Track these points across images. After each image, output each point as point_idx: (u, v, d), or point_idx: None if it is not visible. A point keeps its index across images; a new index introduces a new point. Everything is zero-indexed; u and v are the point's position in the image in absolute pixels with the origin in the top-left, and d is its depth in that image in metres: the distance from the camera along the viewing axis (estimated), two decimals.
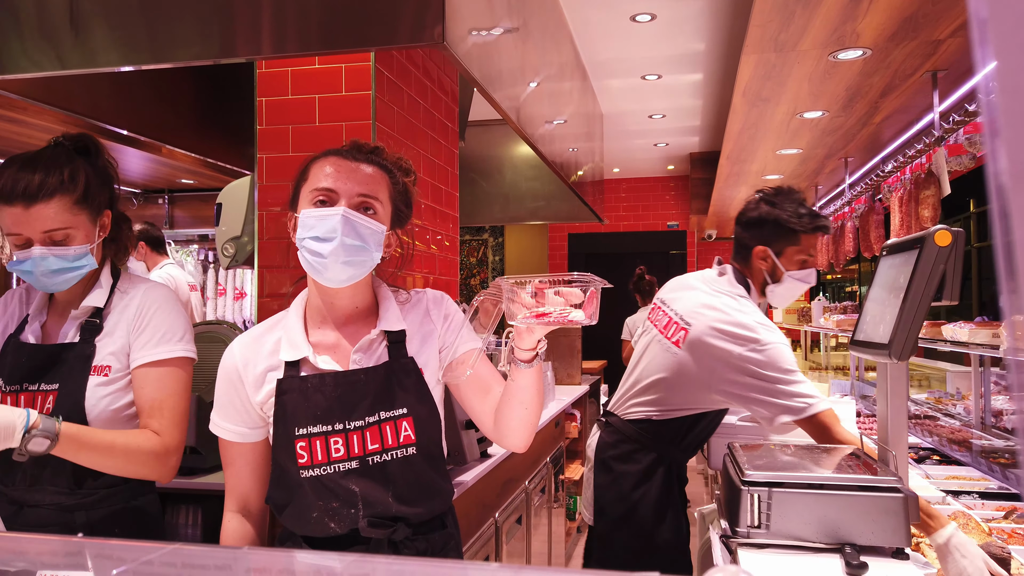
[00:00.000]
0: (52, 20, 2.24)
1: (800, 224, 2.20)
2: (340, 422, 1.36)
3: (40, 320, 1.64)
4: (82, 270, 1.55)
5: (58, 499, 1.54)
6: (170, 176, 6.05)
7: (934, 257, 1.57)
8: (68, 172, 1.51)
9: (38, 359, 1.57)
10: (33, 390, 1.55)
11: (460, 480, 2.32)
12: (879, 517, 1.53)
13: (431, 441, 1.43)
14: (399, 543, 1.38)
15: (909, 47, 3.09)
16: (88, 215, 1.55)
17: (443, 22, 1.98)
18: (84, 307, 1.60)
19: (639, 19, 4.21)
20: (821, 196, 6.74)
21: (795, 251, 2.21)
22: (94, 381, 1.55)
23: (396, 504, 1.37)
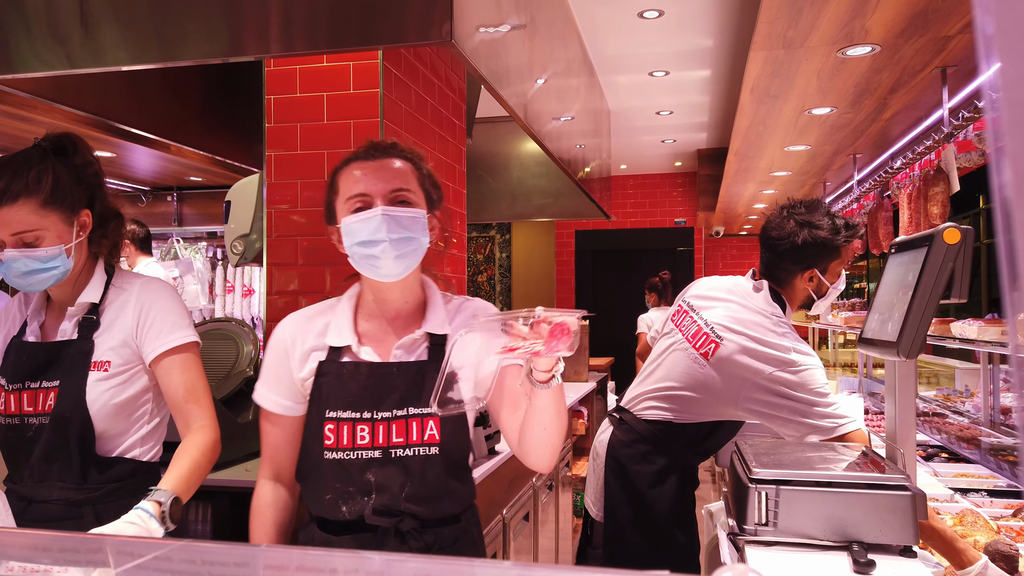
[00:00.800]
0: (62, 19, 2.26)
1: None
2: (369, 411, 1.40)
3: (39, 320, 1.67)
4: (55, 270, 1.56)
5: (66, 494, 1.56)
6: (179, 173, 6.07)
7: (943, 255, 1.56)
8: (35, 174, 1.52)
9: (38, 357, 1.60)
10: (35, 388, 1.58)
11: None
12: (887, 515, 1.53)
13: (456, 444, 1.45)
14: (406, 533, 1.40)
15: (918, 43, 3.08)
16: (59, 215, 1.55)
17: (451, 19, 1.98)
18: (80, 304, 1.63)
19: (646, 15, 4.20)
20: (829, 192, 6.71)
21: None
22: (94, 376, 1.57)
23: (404, 500, 1.40)
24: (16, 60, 2.32)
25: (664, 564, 2.25)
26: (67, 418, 1.55)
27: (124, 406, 1.61)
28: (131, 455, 1.63)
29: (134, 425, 1.64)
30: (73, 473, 1.55)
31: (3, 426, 1.59)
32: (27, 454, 1.56)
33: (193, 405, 1.61)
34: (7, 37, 2.30)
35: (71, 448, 1.55)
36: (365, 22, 2.07)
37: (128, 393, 1.61)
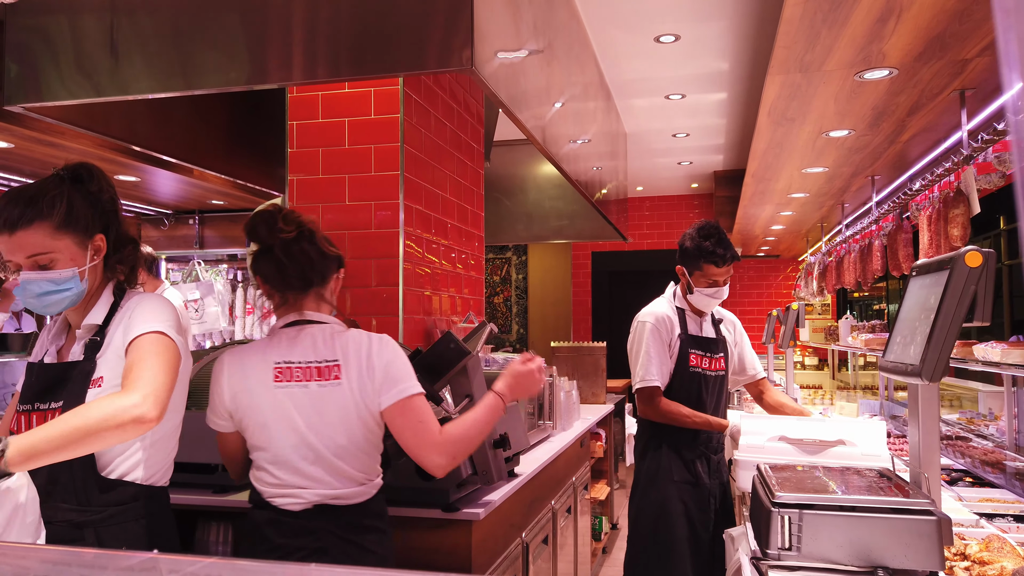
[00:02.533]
0: (89, 50, 2.32)
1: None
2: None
3: (58, 344, 1.72)
4: (69, 292, 1.61)
5: (69, 516, 1.58)
6: (201, 197, 6.16)
7: (965, 278, 1.56)
8: (49, 199, 1.58)
9: (47, 379, 1.65)
10: (43, 409, 1.61)
11: (488, 499, 2.33)
12: (912, 540, 1.52)
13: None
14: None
15: (936, 66, 3.08)
16: (73, 239, 1.61)
17: (472, 46, 2.02)
18: (85, 326, 1.67)
19: (663, 40, 4.24)
20: (848, 214, 6.69)
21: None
22: (91, 394, 1.61)
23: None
24: (44, 89, 2.38)
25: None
26: None
27: None
28: (131, 477, 1.64)
29: (130, 445, 1.64)
30: (75, 495, 1.58)
31: None
32: (35, 475, 1.58)
33: (130, 379, 1.49)
34: (37, 67, 2.37)
35: (73, 468, 1.57)
36: (386, 50, 2.11)
37: None
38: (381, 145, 2.95)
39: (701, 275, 2.87)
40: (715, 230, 2.87)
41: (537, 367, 2.03)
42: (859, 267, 5.58)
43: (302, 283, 1.81)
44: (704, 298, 2.90)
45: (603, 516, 5.22)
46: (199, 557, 1.26)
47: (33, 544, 1.43)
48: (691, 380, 2.90)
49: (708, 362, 2.94)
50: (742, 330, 3.17)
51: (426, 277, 3.14)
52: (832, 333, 6.56)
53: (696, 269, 2.88)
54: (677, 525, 2.84)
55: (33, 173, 5.16)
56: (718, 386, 2.98)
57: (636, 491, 3.00)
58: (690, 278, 2.91)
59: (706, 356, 2.94)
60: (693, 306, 2.96)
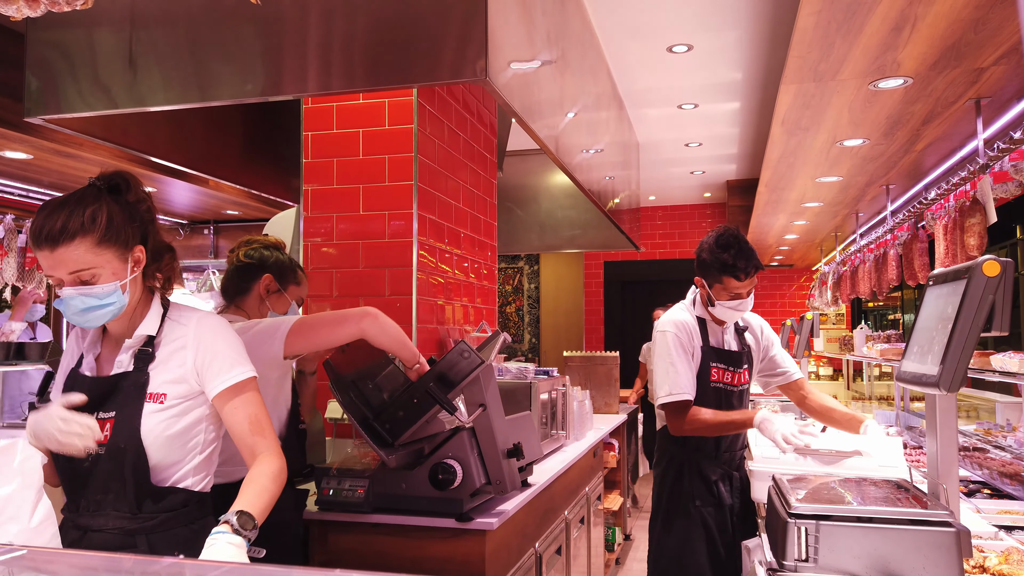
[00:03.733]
0: (107, 62, 2.35)
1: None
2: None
3: (94, 353, 1.71)
4: (111, 307, 1.59)
5: (120, 523, 1.58)
6: (216, 207, 6.21)
7: (983, 288, 1.55)
8: (89, 213, 1.55)
9: (96, 390, 1.64)
10: (95, 418, 1.60)
11: (501, 509, 2.33)
12: (930, 552, 1.50)
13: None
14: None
15: (952, 75, 3.07)
16: (114, 252, 1.59)
17: (486, 56, 2.02)
18: (137, 336, 1.66)
19: (676, 50, 4.24)
20: (862, 223, 6.66)
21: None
22: (149, 408, 1.61)
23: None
24: (63, 102, 2.41)
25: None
26: (122, 448, 1.58)
27: (177, 437, 1.64)
28: (183, 485, 1.66)
29: (187, 455, 1.67)
30: (127, 503, 1.58)
31: (61, 457, 1.62)
32: (83, 484, 1.60)
33: (259, 437, 1.67)
34: (56, 80, 2.40)
35: (126, 478, 1.58)
36: (401, 61, 2.12)
37: (181, 424, 1.64)
38: (395, 155, 2.97)
39: (722, 288, 2.66)
40: (734, 240, 2.65)
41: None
42: (874, 277, 5.55)
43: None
44: (727, 311, 2.70)
45: (616, 527, 5.19)
46: (221, 563, 1.26)
47: (63, 550, 1.44)
48: (713, 395, 2.73)
49: (731, 376, 2.78)
50: (770, 332, 2.96)
51: (439, 287, 3.15)
52: (847, 343, 6.51)
53: (716, 282, 2.66)
54: (700, 552, 2.70)
55: (52, 184, 5.22)
56: (739, 400, 2.82)
57: (657, 516, 2.82)
58: (710, 291, 2.70)
59: (728, 370, 2.77)
60: (714, 317, 2.77)
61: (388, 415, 2.09)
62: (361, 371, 2.19)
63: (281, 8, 2.18)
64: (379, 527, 2.28)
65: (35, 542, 1.44)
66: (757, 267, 2.66)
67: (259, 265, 2.34)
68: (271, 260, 2.37)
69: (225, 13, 2.25)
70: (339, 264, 2.98)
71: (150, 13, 2.31)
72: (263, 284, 2.34)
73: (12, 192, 5.40)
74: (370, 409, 2.10)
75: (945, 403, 1.69)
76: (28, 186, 5.35)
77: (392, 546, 2.28)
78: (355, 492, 2.26)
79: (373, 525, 2.28)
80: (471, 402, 2.17)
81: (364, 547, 2.30)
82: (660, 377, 2.69)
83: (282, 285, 2.39)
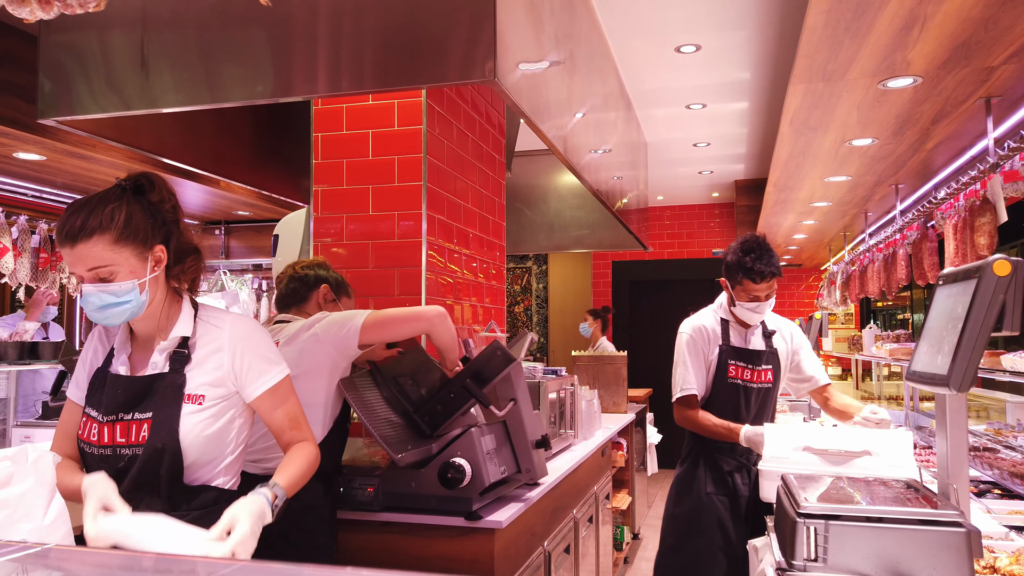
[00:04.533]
0: (120, 65, 2.37)
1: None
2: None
3: (126, 352, 1.72)
4: (129, 304, 1.61)
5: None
6: (227, 208, 6.24)
7: (993, 287, 1.55)
8: (109, 211, 1.59)
9: (132, 390, 1.65)
10: (128, 419, 1.62)
11: (510, 508, 2.34)
12: (940, 552, 1.50)
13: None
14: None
15: (961, 74, 3.06)
16: (132, 251, 1.61)
17: (494, 57, 2.03)
18: (172, 338, 1.68)
19: (684, 50, 4.24)
20: (871, 223, 6.63)
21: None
22: (187, 409, 1.63)
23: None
24: (76, 103, 2.43)
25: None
26: (160, 449, 1.59)
27: (214, 437, 1.66)
28: (215, 483, 1.68)
29: (221, 455, 1.69)
30: (160, 501, 1.60)
31: (96, 456, 1.63)
32: (117, 483, 1.59)
33: (296, 431, 1.76)
34: (69, 82, 2.42)
35: (161, 477, 1.60)
36: (410, 62, 2.13)
37: (218, 425, 1.67)
38: (404, 156, 2.98)
39: (741, 289, 2.87)
40: (757, 245, 2.85)
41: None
42: (883, 276, 5.53)
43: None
44: (746, 312, 2.90)
45: (624, 526, 5.19)
46: (232, 560, 1.28)
47: (79, 547, 1.46)
48: (730, 391, 2.90)
49: (750, 374, 2.92)
50: (801, 338, 3.11)
51: (448, 287, 3.16)
52: (856, 343, 6.49)
53: (736, 284, 2.87)
54: (709, 535, 2.82)
55: (65, 185, 5.26)
56: (761, 398, 2.93)
57: (670, 498, 3.03)
58: (732, 291, 2.92)
59: (747, 368, 2.92)
60: (738, 318, 2.96)
61: (427, 409, 2.27)
62: (401, 368, 2.35)
63: (291, 10, 2.20)
64: (389, 525, 2.29)
65: (48, 540, 1.46)
66: (774, 272, 2.83)
67: (316, 278, 2.50)
68: (326, 275, 2.54)
69: (235, 15, 2.26)
70: (349, 264, 3.00)
71: (161, 15, 2.33)
72: (321, 293, 2.49)
73: (26, 193, 5.44)
74: (410, 403, 2.28)
75: (955, 403, 1.69)
76: (41, 187, 5.38)
77: (401, 544, 2.29)
78: (365, 490, 2.28)
79: (383, 523, 2.29)
80: (503, 397, 2.34)
81: (374, 545, 2.31)
82: (674, 376, 2.99)
83: (337, 296, 2.53)
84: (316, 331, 2.20)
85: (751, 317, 2.92)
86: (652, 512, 6.66)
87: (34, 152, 4.32)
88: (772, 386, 2.97)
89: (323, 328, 2.20)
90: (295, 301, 2.47)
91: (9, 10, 1.42)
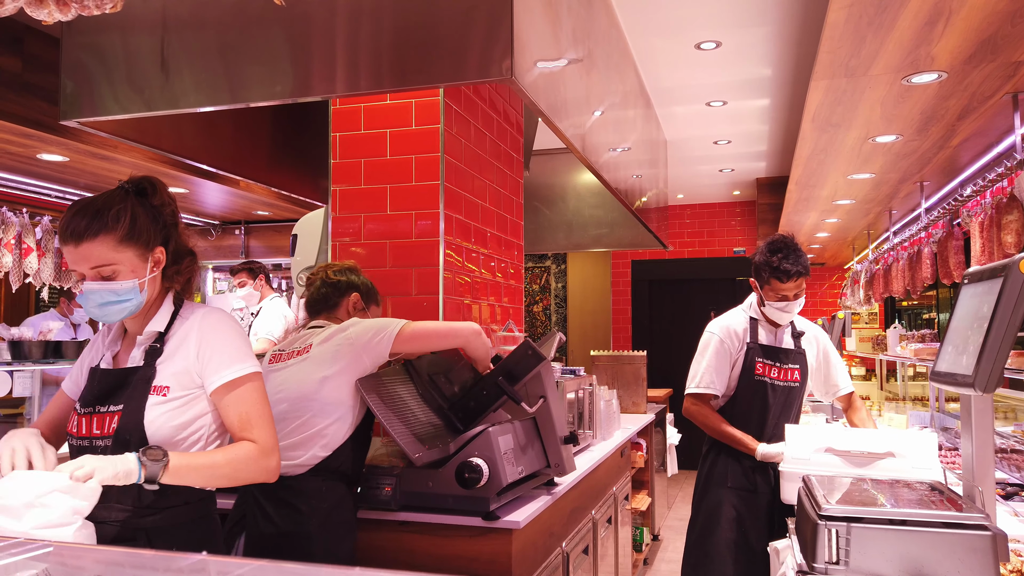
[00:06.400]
0: (141, 66, 2.39)
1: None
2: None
3: (114, 350, 1.79)
4: (129, 303, 1.67)
5: (123, 516, 1.63)
6: (246, 208, 6.29)
7: (1020, 286, 1.51)
8: (114, 212, 1.64)
9: (107, 383, 1.71)
10: (103, 411, 1.68)
11: (528, 508, 2.32)
12: (965, 556, 1.47)
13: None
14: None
15: (987, 69, 3.00)
16: (135, 251, 1.67)
17: (512, 56, 2.02)
18: (147, 332, 1.74)
19: (704, 47, 4.21)
20: (895, 221, 6.54)
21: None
22: (152, 400, 1.67)
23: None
24: (98, 104, 2.46)
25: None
26: (127, 440, 1.63)
27: (180, 428, 1.69)
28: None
29: (189, 449, 1.71)
30: (130, 495, 1.62)
31: (75, 447, 1.70)
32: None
33: (247, 433, 1.70)
34: (91, 84, 2.45)
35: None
36: (427, 61, 2.13)
37: (184, 417, 1.69)
38: (422, 155, 2.98)
39: (770, 289, 2.90)
40: (784, 245, 2.89)
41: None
42: (908, 275, 5.45)
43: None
44: (776, 312, 2.93)
45: (644, 527, 5.16)
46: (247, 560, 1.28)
47: (89, 545, 1.47)
48: (756, 389, 2.93)
49: (777, 372, 2.96)
50: (827, 343, 3.15)
51: (466, 286, 3.16)
52: (880, 343, 6.40)
53: (765, 284, 2.91)
54: (724, 529, 2.86)
55: (87, 186, 5.33)
56: (786, 397, 2.96)
57: (695, 493, 3.09)
58: (760, 292, 2.96)
59: (775, 366, 2.96)
60: (768, 318, 2.99)
61: (460, 405, 2.34)
62: (434, 365, 2.41)
63: (309, 10, 2.20)
64: (406, 525, 2.29)
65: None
66: (800, 272, 2.86)
67: (348, 284, 2.49)
68: (358, 281, 2.53)
69: (254, 15, 2.27)
70: (367, 264, 3.00)
71: (181, 16, 2.35)
72: (351, 301, 2.48)
73: (49, 194, 5.52)
74: (444, 400, 2.34)
75: (981, 404, 1.66)
76: (64, 188, 5.46)
77: (419, 544, 2.29)
78: (382, 490, 2.28)
79: (400, 523, 2.29)
80: (533, 394, 2.38)
81: (391, 544, 2.31)
82: (694, 369, 3.02)
83: (366, 304, 2.53)
84: (351, 334, 2.22)
85: (781, 317, 2.94)
86: (672, 513, 6.62)
87: (57, 153, 4.38)
88: (799, 385, 2.99)
89: (358, 333, 2.22)
90: (326, 307, 2.47)
91: (28, 11, 1.43)
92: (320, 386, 2.15)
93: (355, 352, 2.18)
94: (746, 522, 2.84)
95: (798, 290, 2.89)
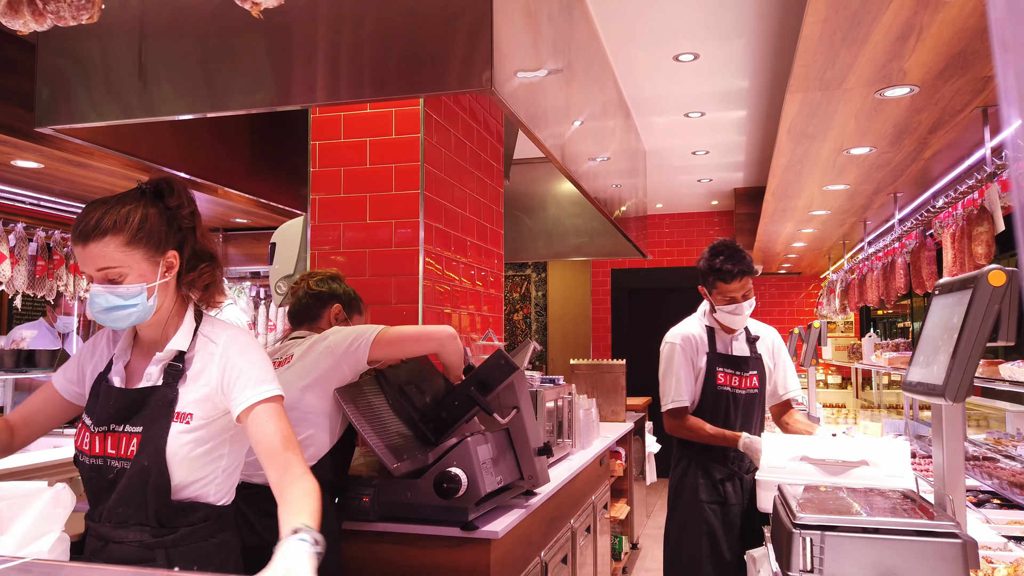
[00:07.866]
0: (119, 73, 2.37)
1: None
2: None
3: (124, 360, 1.69)
4: (135, 309, 1.58)
5: (140, 536, 1.57)
6: (225, 216, 6.24)
7: (988, 297, 1.54)
8: (124, 213, 1.57)
9: (123, 402, 1.62)
10: (119, 431, 1.60)
11: (506, 518, 2.33)
12: (937, 563, 1.49)
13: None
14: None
15: (958, 84, 3.06)
16: (143, 254, 1.58)
17: (491, 67, 2.03)
18: (168, 351, 1.64)
19: (682, 58, 4.25)
20: (870, 231, 6.63)
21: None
22: (176, 428, 1.59)
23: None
24: (75, 111, 2.43)
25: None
26: (146, 467, 1.56)
27: (202, 457, 1.62)
28: (207, 500, 1.64)
29: (211, 474, 1.64)
30: (148, 517, 1.57)
31: (87, 466, 1.62)
32: (106, 495, 1.59)
33: (291, 452, 1.57)
34: (68, 90, 2.42)
35: (147, 493, 1.56)
36: (408, 71, 2.13)
37: (207, 446, 1.62)
38: (402, 164, 2.98)
39: (718, 293, 2.90)
40: (725, 247, 2.89)
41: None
42: (882, 285, 5.53)
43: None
44: (727, 316, 2.92)
45: (623, 536, 5.17)
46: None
47: (97, 565, 1.44)
48: (719, 398, 2.93)
49: (737, 380, 2.96)
50: (780, 346, 3.15)
51: (445, 295, 3.16)
52: (855, 351, 6.48)
53: (712, 288, 2.92)
54: (699, 544, 2.86)
55: (63, 193, 5.27)
56: (749, 404, 2.98)
57: (668, 507, 3.08)
58: (710, 298, 2.95)
59: (735, 374, 2.96)
60: (721, 324, 2.98)
61: (431, 416, 2.30)
62: (405, 375, 2.38)
63: (289, 19, 2.20)
64: (384, 535, 2.28)
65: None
66: (744, 271, 2.85)
67: (330, 294, 2.48)
68: (340, 291, 2.51)
69: (234, 24, 2.26)
70: (346, 272, 2.99)
71: (159, 24, 2.33)
72: (333, 312, 2.47)
73: (23, 201, 5.44)
74: (415, 410, 2.30)
75: (951, 413, 1.69)
76: (39, 195, 5.39)
77: (397, 554, 2.28)
78: (360, 500, 2.27)
79: (378, 533, 2.28)
80: (506, 404, 2.36)
81: (369, 555, 2.30)
82: (664, 386, 2.99)
83: (348, 314, 2.50)
84: (330, 343, 2.21)
85: (733, 321, 2.94)
86: (651, 522, 6.64)
87: (32, 160, 4.33)
88: (758, 391, 3.01)
89: (337, 341, 2.21)
90: (308, 319, 2.46)
91: (3, 21, 1.41)
92: (301, 395, 2.14)
93: (335, 360, 2.17)
94: (719, 534, 2.85)
95: (745, 290, 2.89)
